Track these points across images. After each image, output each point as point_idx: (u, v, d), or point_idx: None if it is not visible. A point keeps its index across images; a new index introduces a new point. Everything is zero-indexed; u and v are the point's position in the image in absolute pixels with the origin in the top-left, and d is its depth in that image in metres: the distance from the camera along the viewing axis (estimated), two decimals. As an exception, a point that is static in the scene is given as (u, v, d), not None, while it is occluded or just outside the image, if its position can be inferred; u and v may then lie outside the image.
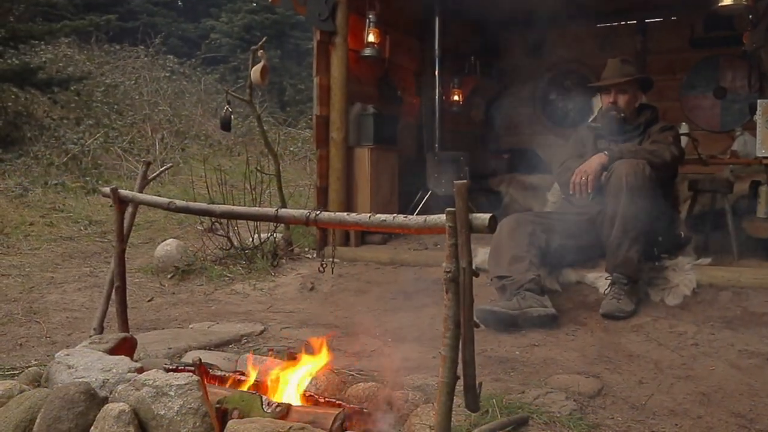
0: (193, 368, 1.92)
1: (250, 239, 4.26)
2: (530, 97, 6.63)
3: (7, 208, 5.39)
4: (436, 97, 5.46)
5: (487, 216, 1.39)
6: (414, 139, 5.58)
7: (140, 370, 1.79)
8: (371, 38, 4.76)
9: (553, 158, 3.64)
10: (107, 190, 2.28)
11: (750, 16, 4.20)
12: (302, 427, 1.54)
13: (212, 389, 1.82)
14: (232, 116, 4.62)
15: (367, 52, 4.77)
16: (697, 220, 3.90)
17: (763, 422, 1.92)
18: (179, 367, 1.97)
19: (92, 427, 1.58)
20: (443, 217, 1.43)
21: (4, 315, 3.18)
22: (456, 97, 6.02)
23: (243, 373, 2.02)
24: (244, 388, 1.92)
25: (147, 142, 8.29)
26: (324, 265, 2.02)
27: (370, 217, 1.62)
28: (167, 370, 1.86)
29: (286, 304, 3.49)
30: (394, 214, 1.58)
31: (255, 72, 4.24)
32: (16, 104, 7.53)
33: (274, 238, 4.23)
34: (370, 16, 4.73)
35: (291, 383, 1.90)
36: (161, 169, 2.96)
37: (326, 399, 1.86)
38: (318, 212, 1.74)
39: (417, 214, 1.57)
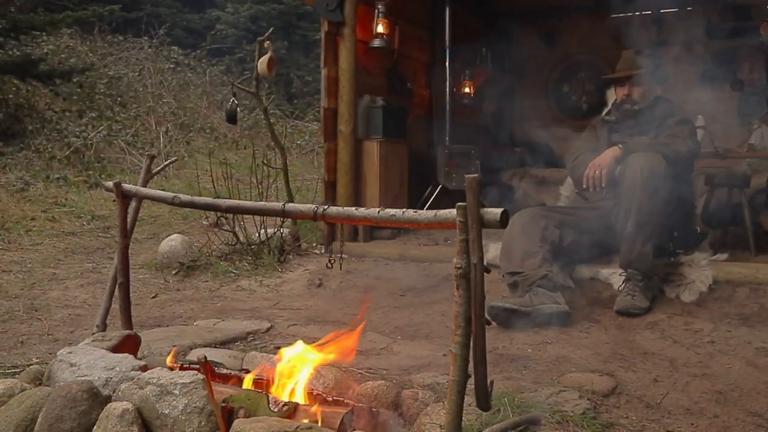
0: (198, 366, 1.90)
1: (257, 234, 4.22)
2: (543, 90, 6.56)
3: (8, 202, 5.38)
4: (447, 89, 5.40)
5: (498, 211, 1.38)
6: (424, 132, 5.53)
7: (144, 368, 1.79)
8: (380, 29, 4.69)
9: (567, 152, 3.58)
10: (110, 184, 2.27)
11: (768, 7, 4.13)
12: (309, 427, 1.52)
13: (218, 388, 1.80)
14: (238, 109, 4.57)
15: (376, 43, 4.71)
16: (713, 215, 3.85)
17: (782, 422, 1.89)
18: (184, 365, 1.94)
19: (95, 427, 1.58)
20: (454, 211, 1.41)
21: (5, 312, 3.17)
22: (467, 89, 5.95)
23: (249, 372, 1.99)
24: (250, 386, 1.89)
25: (151, 135, 8.26)
26: (332, 261, 1.99)
27: (379, 211, 1.61)
28: (171, 368, 1.84)
29: (293, 300, 3.46)
30: (404, 209, 1.58)
31: (261, 63, 4.20)
32: (18, 96, 7.49)
33: (281, 233, 4.19)
34: (379, 6, 4.67)
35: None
36: (165, 163, 2.94)
37: (334, 398, 1.85)
38: (326, 207, 1.73)
39: (427, 209, 1.53)
